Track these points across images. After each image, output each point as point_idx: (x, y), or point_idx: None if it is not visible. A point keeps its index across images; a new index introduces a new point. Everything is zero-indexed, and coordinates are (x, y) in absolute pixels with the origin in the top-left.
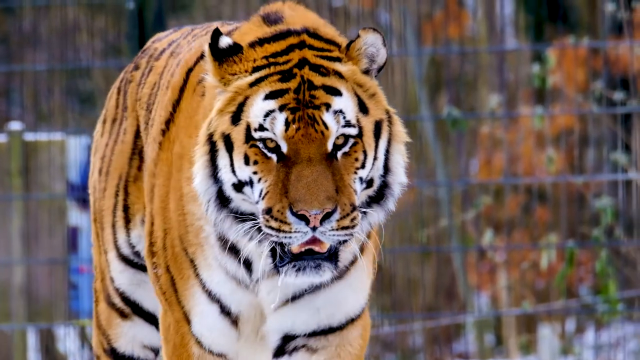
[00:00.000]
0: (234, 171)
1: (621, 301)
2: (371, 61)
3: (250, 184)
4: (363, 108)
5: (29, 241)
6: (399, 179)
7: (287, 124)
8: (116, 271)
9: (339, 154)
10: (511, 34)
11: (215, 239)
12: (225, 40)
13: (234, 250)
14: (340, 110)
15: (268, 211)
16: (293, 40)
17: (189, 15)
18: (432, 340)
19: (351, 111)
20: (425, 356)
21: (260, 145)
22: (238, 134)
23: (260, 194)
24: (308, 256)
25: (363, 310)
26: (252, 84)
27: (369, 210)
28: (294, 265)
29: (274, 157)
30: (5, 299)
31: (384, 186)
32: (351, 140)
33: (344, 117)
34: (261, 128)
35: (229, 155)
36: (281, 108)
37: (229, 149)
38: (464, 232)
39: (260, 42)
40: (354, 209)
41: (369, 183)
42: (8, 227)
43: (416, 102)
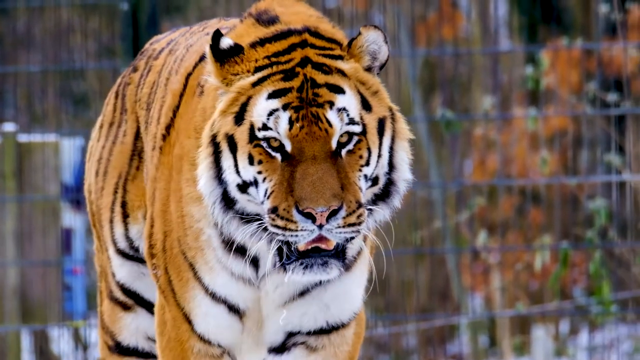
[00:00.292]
0: (238, 172)
1: (615, 302)
2: (373, 58)
3: (255, 184)
4: (366, 105)
5: (22, 242)
6: (404, 176)
7: (291, 122)
8: (116, 265)
9: (343, 152)
10: (505, 36)
11: (219, 242)
12: (226, 41)
13: (240, 250)
14: (343, 108)
15: (274, 210)
16: (294, 39)
17: (183, 16)
18: (426, 341)
19: (354, 109)
20: (419, 357)
21: (264, 144)
22: (242, 134)
23: (265, 193)
24: (315, 254)
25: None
26: (255, 84)
27: (374, 208)
28: (301, 263)
29: (278, 156)
30: None
31: (389, 183)
32: (355, 138)
33: (348, 115)
34: (265, 127)
35: (233, 156)
36: (285, 107)
37: (233, 149)
38: (458, 234)
39: (262, 42)
40: (360, 205)
41: (374, 181)
42: (2, 229)
43: (410, 104)
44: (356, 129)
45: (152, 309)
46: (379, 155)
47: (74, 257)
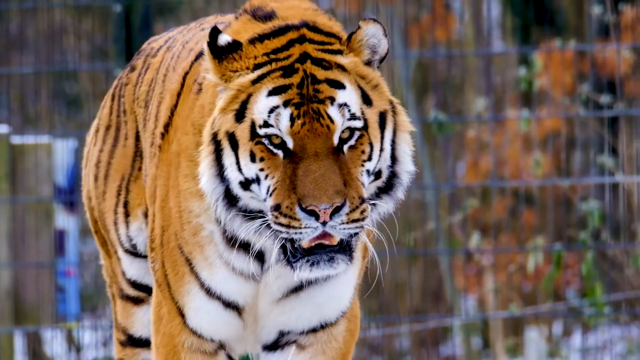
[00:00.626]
0: (240, 169)
1: (608, 304)
2: (373, 52)
3: (257, 181)
4: (367, 100)
5: (15, 244)
6: (407, 168)
7: (292, 119)
8: (126, 264)
9: (345, 148)
10: (498, 37)
11: (221, 237)
12: (224, 38)
13: (243, 245)
14: (344, 104)
15: (277, 208)
16: (293, 35)
17: (176, 17)
18: (419, 343)
19: (355, 104)
20: (412, 359)
21: (265, 141)
22: (243, 132)
23: (267, 190)
24: (320, 250)
25: (350, 302)
26: (255, 81)
27: (378, 202)
28: (308, 260)
29: (280, 154)
30: None
31: (393, 176)
32: (357, 133)
33: (349, 110)
34: (266, 124)
35: (235, 154)
36: (285, 104)
37: (234, 147)
38: (451, 235)
39: (260, 39)
40: (363, 201)
41: (377, 174)
42: None
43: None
44: (358, 124)
45: None
46: (381, 149)
47: (67, 259)
